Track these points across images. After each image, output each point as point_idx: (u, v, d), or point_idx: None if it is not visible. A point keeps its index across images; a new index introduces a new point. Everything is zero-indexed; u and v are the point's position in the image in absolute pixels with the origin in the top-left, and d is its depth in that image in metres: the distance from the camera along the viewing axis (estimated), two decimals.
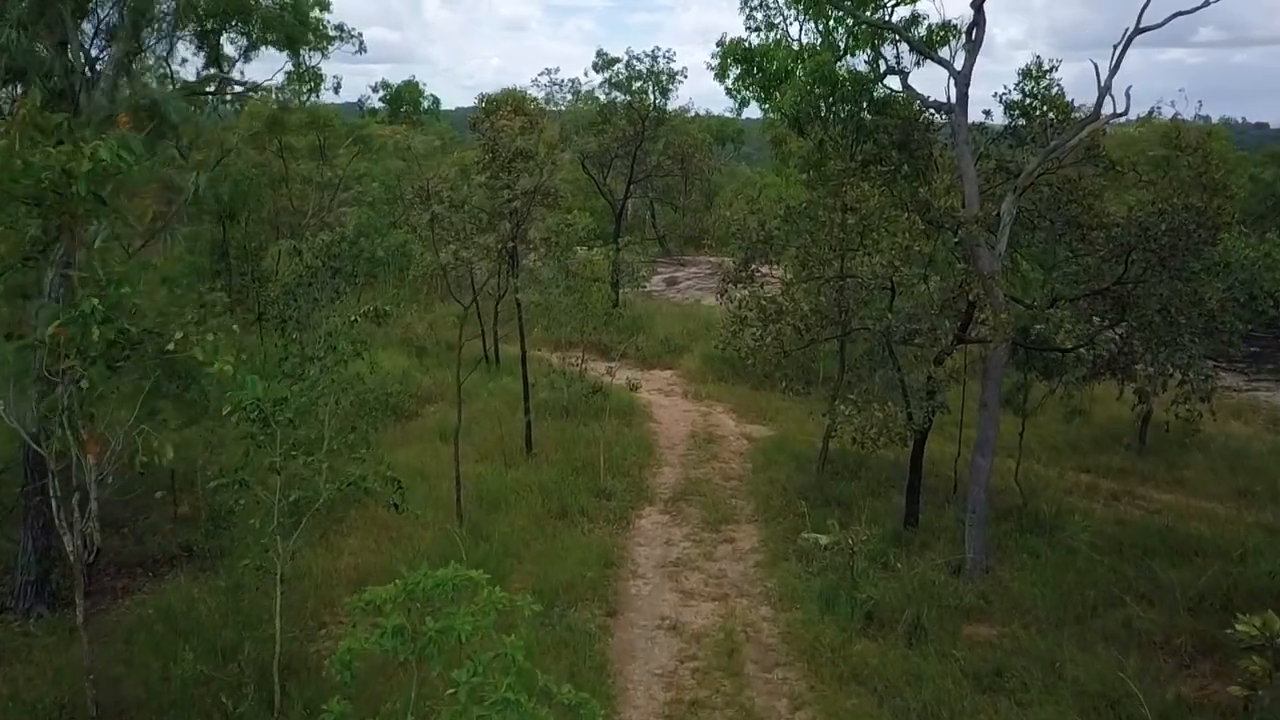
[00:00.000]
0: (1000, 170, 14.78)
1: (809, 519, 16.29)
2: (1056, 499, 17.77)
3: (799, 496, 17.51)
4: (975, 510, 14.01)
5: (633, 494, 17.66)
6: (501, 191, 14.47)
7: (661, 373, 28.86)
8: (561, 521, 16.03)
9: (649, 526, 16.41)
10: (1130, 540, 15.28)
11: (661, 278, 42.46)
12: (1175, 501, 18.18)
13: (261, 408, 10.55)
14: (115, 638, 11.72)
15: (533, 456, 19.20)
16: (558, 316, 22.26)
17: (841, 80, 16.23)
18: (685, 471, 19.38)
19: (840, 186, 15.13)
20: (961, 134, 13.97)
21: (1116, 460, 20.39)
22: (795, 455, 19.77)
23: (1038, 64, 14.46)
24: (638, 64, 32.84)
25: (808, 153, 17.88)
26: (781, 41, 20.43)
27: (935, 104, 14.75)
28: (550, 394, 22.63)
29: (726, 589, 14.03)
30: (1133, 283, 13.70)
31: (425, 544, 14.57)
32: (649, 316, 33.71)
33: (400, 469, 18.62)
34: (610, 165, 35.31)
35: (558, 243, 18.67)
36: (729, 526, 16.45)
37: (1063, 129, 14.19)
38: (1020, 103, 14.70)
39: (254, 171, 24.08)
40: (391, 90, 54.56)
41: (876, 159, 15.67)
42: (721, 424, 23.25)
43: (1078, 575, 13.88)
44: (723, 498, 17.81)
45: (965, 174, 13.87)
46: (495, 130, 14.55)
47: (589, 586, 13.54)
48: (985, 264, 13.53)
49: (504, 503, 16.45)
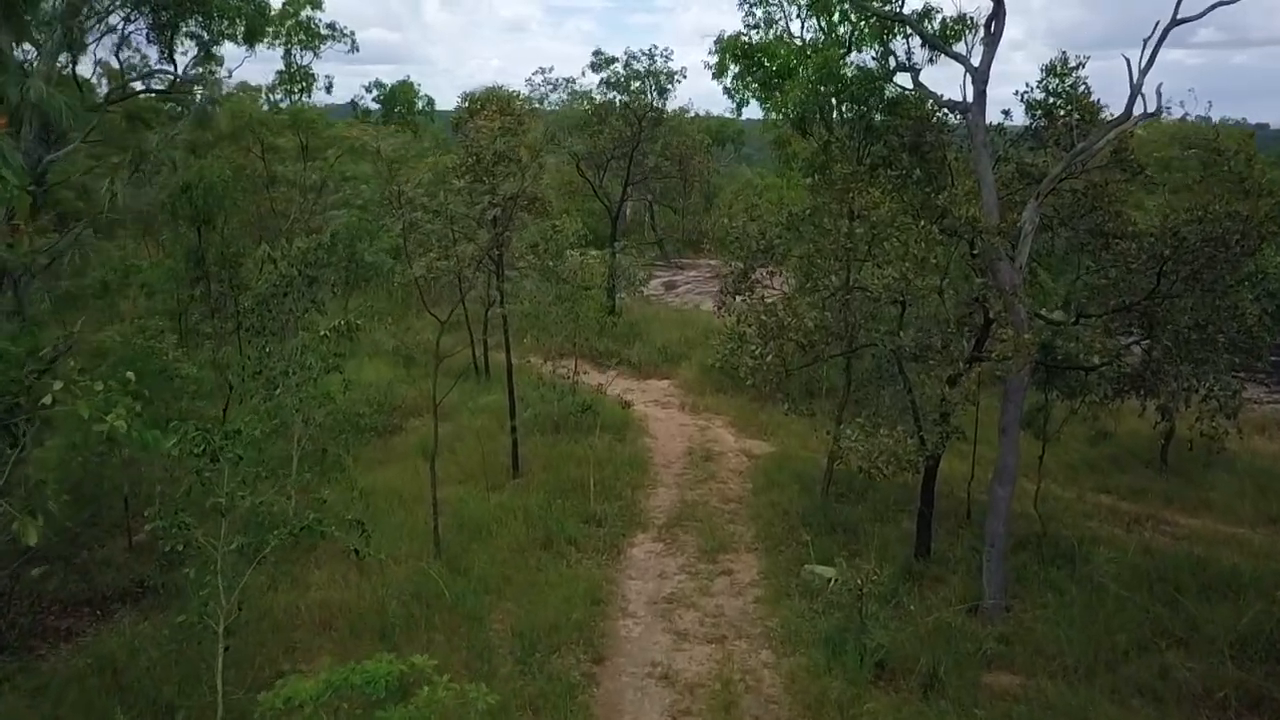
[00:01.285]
0: (1021, 175, 13.66)
1: (813, 548, 15.21)
2: (1077, 524, 16.67)
3: (802, 522, 16.42)
4: (994, 544, 12.91)
5: (625, 519, 16.56)
6: (482, 197, 13.37)
7: (658, 383, 27.75)
8: (547, 552, 14.92)
9: (641, 556, 15.30)
10: (1160, 573, 14.14)
11: (659, 281, 41.39)
12: (1203, 527, 17.05)
13: (209, 441, 9.47)
14: (46, 695, 10.59)
15: (519, 477, 18.10)
16: (547, 326, 21.12)
17: (848, 78, 15.13)
18: (681, 493, 18.28)
19: (847, 191, 14.03)
20: (979, 135, 12.86)
21: (1137, 480, 19.25)
22: (797, 475, 18.65)
23: (1063, 60, 13.35)
24: (636, 63, 31.79)
25: (811, 155, 16.78)
26: (783, 38, 19.37)
27: (950, 103, 13.65)
28: (540, 407, 21.53)
29: (724, 629, 12.92)
30: (1165, 297, 12.58)
31: (399, 578, 13.48)
32: (646, 323, 32.62)
33: (377, 491, 17.71)
34: (606, 167, 34.24)
35: (547, 250, 17.54)
36: (727, 556, 15.34)
37: (1088, 130, 13.08)
38: (1042, 102, 13.57)
39: (229, 174, 22.97)
40: (386, 90, 53.51)
41: (886, 162, 14.57)
42: (720, 439, 22.14)
43: (1106, 616, 12.76)
44: (721, 523, 16.70)
45: (983, 179, 12.76)
46: (475, 131, 13.46)
47: (574, 628, 12.43)
48: (1005, 277, 12.43)
49: (485, 531, 15.33)
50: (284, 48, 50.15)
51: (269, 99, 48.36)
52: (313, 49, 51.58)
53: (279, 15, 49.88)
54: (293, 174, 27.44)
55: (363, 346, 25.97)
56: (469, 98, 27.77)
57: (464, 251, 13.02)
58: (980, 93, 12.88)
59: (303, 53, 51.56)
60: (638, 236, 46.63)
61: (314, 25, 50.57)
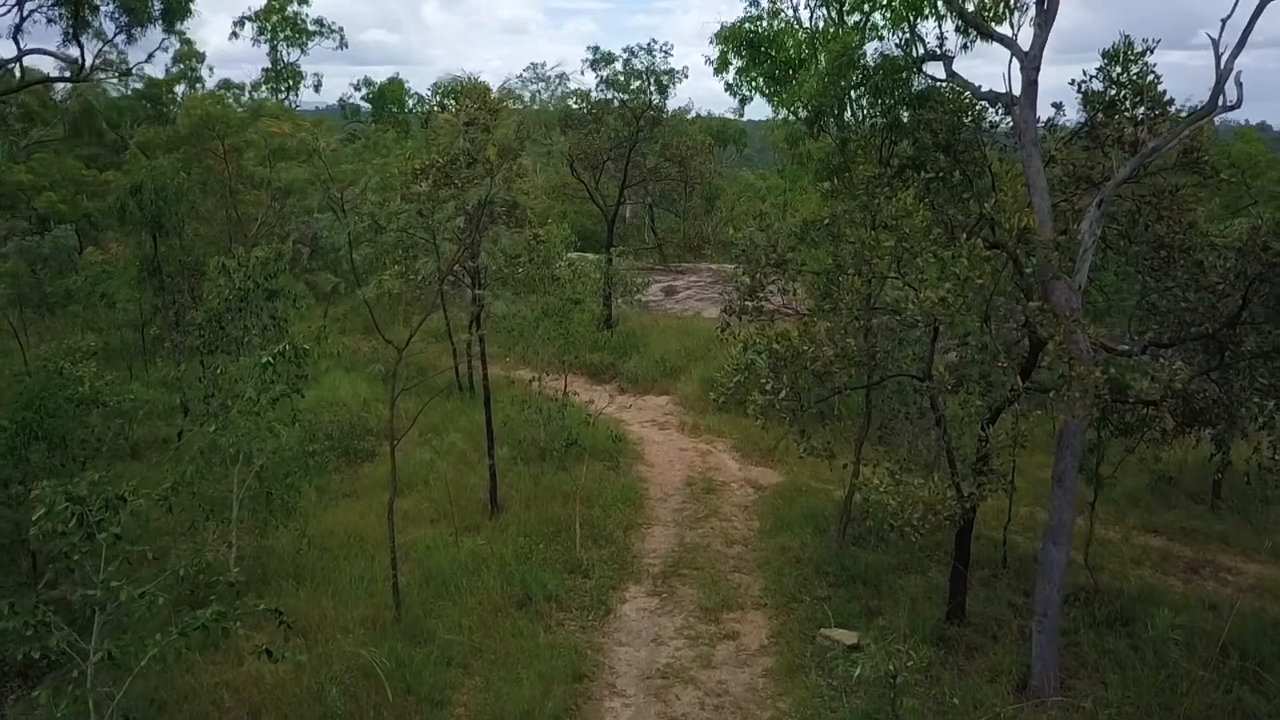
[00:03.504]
0: (1075, 179, 11.70)
1: (829, 606, 13.29)
2: (1125, 572, 14.73)
3: (816, 572, 14.49)
4: (1047, 614, 10.95)
5: (615, 567, 14.61)
6: (446, 204, 11.45)
7: (656, 399, 25.78)
8: (524, 612, 12.97)
9: (633, 615, 13.34)
10: (1235, 640, 12.18)
11: (659, 287, 39.49)
12: (1269, 575, 15.08)
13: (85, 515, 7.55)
14: None
15: (497, 516, 16.14)
16: (533, 344, 19.18)
17: (870, 67, 13.19)
18: (680, 533, 16.32)
19: (872, 197, 12.09)
20: (1029, 133, 10.90)
21: (1188, 518, 17.25)
22: (810, 513, 16.68)
23: (1127, 44, 11.39)
24: (636, 61, 29.79)
25: (826, 155, 14.83)
26: (791, 26, 17.39)
27: (993, 95, 11.69)
28: (525, 432, 19.60)
29: (728, 713, 10.97)
30: (1252, 324, 10.65)
31: (347, 651, 11.52)
32: (643, 333, 30.66)
33: (336, 534, 15.74)
34: (602, 168, 32.33)
35: (531, 261, 15.60)
36: (731, 614, 13.39)
37: (1156, 126, 11.12)
38: (1101, 94, 11.61)
39: (184, 175, 21.00)
40: (375, 89, 51.53)
41: (915, 164, 12.64)
42: (723, 466, 20.19)
43: (1180, 700, 10.79)
44: (724, 572, 14.75)
45: (1034, 183, 10.80)
46: (436, 128, 11.57)
47: (551, 716, 10.49)
48: (1063, 300, 10.47)
49: (454, 586, 13.38)
50: (269, 44, 48.29)
51: (253, 97, 46.50)
52: (300, 46, 49.72)
53: (264, 10, 48.07)
54: (259, 176, 25.25)
55: (342, 360, 24.03)
56: (439, 88, 25.57)
57: (424, 268, 11.11)
58: (1031, 82, 10.92)
59: (290, 49, 49.72)
60: (637, 241, 44.73)
61: (301, 21, 48.71)
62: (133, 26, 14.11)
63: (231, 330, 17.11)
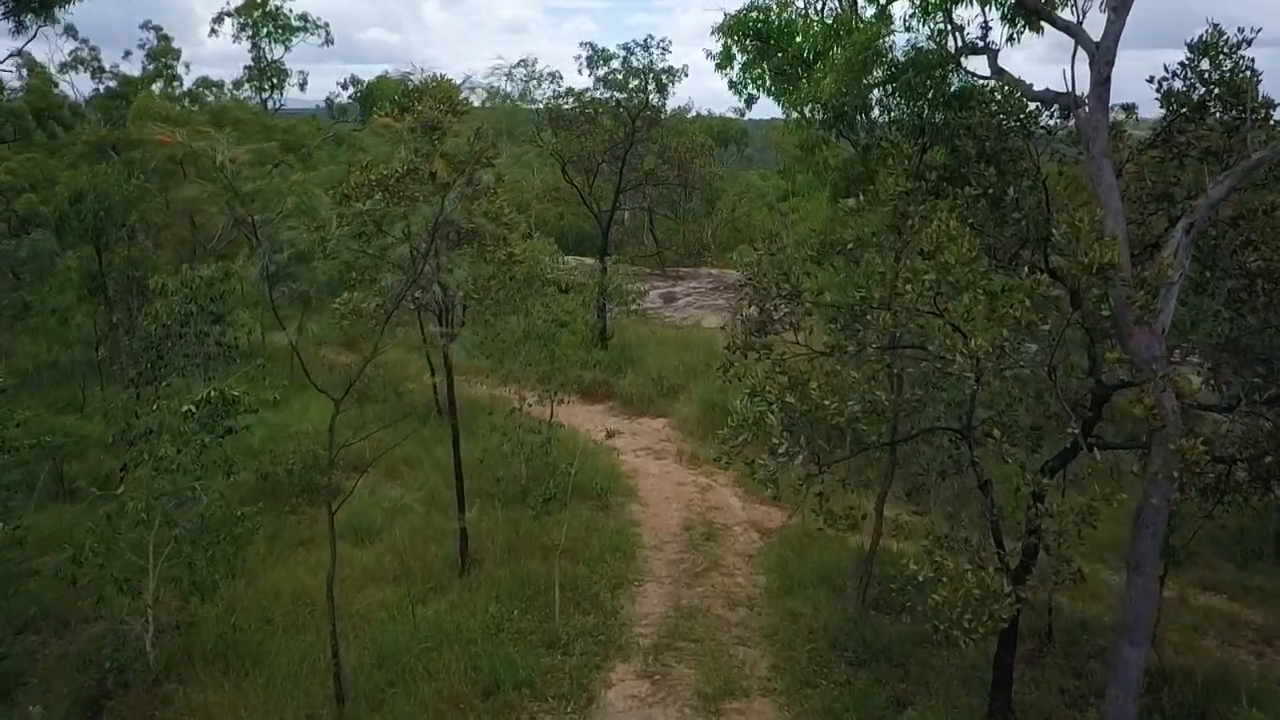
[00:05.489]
0: (1156, 197, 9.75)
1: (850, 694, 11.35)
2: (1193, 644, 12.81)
3: (832, 646, 12.54)
4: None
5: (600, 641, 12.65)
6: (393, 227, 9.51)
7: (652, 422, 23.82)
8: (490, 703, 11.01)
9: (619, 705, 11.38)
10: None
11: (658, 293, 37.62)
12: None
13: None
14: None
15: (468, 575, 14.18)
16: (514, 371, 17.22)
17: (900, 62, 11.22)
18: (676, 593, 14.36)
19: (904, 217, 10.12)
20: (1100, 141, 8.92)
21: (1250, 574, 15.29)
22: (823, 569, 14.71)
23: (1217, 35, 9.42)
24: (634, 59, 27.81)
25: (846, 164, 12.87)
26: (804, 15, 15.34)
27: (1051, 95, 9.72)
28: (504, 470, 17.63)
29: None
30: None
31: None
32: (640, 346, 28.69)
33: (281, 596, 13.72)
34: (597, 171, 30.38)
35: (505, 285, 13.66)
36: (735, 704, 11.44)
37: (1254, 133, 9.13)
38: (1186, 94, 9.65)
39: (132, 183, 19.02)
40: (362, 87, 49.63)
41: (954, 176, 10.67)
42: (725, 505, 18.23)
43: None
44: (726, 644, 12.80)
45: (1108, 203, 8.83)
46: (372, 134, 9.63)
47: None
48: (1144, 348, 8.52)
49: (409, 671, 11.42)
50: (251, 40, 46.36)
51: (232, 95, 44.51)
52: (284, 42, 47.80)
53: (245, 6, 46.15)
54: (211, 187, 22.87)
55: (315, 377, 22.03)
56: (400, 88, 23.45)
57: (359, 301, 9.21)
58: (1103, 80, 8.95)
59: (273, 46, 47.79)
60: (634, 246, 42.77)
61: (284, 16, 46.76)
62: (20, 13, 12.23)
63: (172, 359, 15.22)
